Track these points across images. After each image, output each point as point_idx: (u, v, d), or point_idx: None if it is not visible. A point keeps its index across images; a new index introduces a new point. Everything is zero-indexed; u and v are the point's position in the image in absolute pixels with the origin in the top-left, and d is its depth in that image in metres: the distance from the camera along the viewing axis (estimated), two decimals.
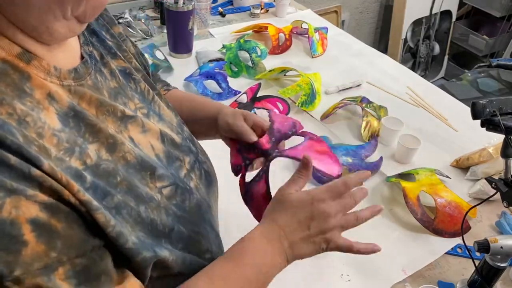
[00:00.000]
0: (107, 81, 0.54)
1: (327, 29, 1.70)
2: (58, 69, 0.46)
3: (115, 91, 0.54)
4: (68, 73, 0.47)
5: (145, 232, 0.48)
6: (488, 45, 2.89)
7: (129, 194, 0.47)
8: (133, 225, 0.46)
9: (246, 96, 1.24)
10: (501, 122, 0.75)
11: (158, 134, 0.57)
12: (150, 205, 0.49)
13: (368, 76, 1.48)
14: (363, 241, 0.93)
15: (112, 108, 0.51)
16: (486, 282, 0.77)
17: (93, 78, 0.51)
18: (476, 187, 1.05)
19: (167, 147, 0.58)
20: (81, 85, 0.48)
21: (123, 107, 0.53)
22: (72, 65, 0.49)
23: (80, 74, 0.49)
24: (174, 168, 0.57)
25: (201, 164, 0.63)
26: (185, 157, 0.60)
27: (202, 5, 1.62)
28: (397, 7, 2.81)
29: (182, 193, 0.55)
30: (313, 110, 1.29)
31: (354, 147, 1.10)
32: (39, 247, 0.37)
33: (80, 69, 0.49)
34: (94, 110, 0.49)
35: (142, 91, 0.60)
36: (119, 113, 0.52)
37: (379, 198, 1.04)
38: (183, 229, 0.53)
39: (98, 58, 0.55)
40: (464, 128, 1.27)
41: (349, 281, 0.85)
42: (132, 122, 0.54)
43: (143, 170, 0.51)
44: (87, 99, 0.48)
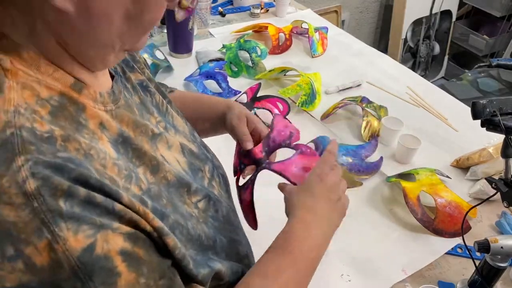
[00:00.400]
0: (133, 97, 0.53)
1: (327, 29, 1.70)
2: (103, 94, 0.46)
3: (140, 107, 0.54)
4: (108, 97, 0.46)
5: (195, 248, 0.49)
6: (488, 45, 2.89)
7: (176, 213, 0.48)
8: (185, 243, 0.47)
9: (246, 96, 1.24)
10: (501, 122, 0.75)
11: (179, 147, 0.57)
12: (192, 221, 0.50)
13: (368, 76, 1.48)
14: (363, 241, 0.93)
15: (144, 128, 0.50)
16: (486, 282, 0.77)
17: (123, 97, 0.50)
18: (476, 187, 1.05)
19: (188, 158, 0.57)
20: (118, 107, 0.48)
21: (150, 124, 0.53)
22: (107, 86, 0.48)
23: (116, 95, 0.48)
24: (199, 179, 0.57)
25: (218, 170, 0.64)
26: (204, 165, 0.60)
27: (202, 5, 1.62)
28: (397, 7, 2.81)
29: (214, 204, 0.56)
30: (313, 110, 1.29)
31: (354, 147, 1.10)
32: (130, 275, 0.39)
33: (115, 90, 0.49)
34: (132, 132, 0.48)
35: (158, 103, 0.60)
36: (150, 132, 0.51)
37: (379, 198, 1.04)
38: (223, 238, 0.54)
39: (122, 74, 0.54)
40: (464, 128, 1.27)
41: (349, 281, 0.85)
42: (160, 140, 0.53)
43: (181, 187, 0.51)
44: (126, 121, 0.48)
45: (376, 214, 0.99)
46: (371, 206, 1.01)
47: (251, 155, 0.70)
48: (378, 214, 1.00)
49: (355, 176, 1.06)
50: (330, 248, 0.89)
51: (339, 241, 0.91)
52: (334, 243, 0.89)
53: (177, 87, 1.38)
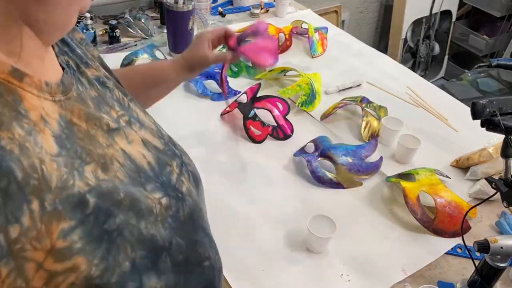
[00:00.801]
0: (87, 91, 0.52)
1: (327, 29, 1.70)
2: (50, 84, 0.44)
3: (97, 100, 0.52)
4: (57, 87, 0.45)
5: (146, 249, 0.46)
6: (488, 45, 2.89)
7: (131, 210, 0.46)
8: (134, 244, 0.45)
9: (246, 96, 1.24)
10: (501, 122, 0.75)
11: (140, 142, 0.55)
12: (149, 220, 0.48)
13: (368, 76, 1.48)
14: (363, 241, 0.94)
15: (98, 121, 0.49)
16: (486, 282, 0.77)
17: (76, 89, 0.48)
18: (476, 187, 1.05)
19: (155, 153, 0.56)
20: (68, 98, 0.46)
21: (107, 117, 0.51)
22: (57, 77, 0.46)
23: (66, 86, 0.47)
24: (166, 174, 0.56)
25: (187, 166, 0.62)
26: (172, 161, 0.59)
27: (202, 5, 1.61)
28: (397, 7, 2.81)
29: (176, 203, 0.54)
30: (313, 110, 1.29)
31: (354, 147, 1.10)
32: None
33: (65, 81, 0.47)
34: (84, 125, 0.47)
35: (118, 99, 0.58)
36: (105, 126, 0.50)
37: (379, 198, 1.04)
38: (180, 240, 0.52)
39: (75, 68, 0.53)
40: (464, 128, 1.27)
41: (349, 281, 0.85)
42: (117, 134, 0.51)
43: (136, 186, 0.49)
44: (76, 113, 0.46)
45: (376, 214, 1.00)
46: (371, 206, 1.01)
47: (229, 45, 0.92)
48: (378, 214, 1.00)
49: (355, 176, 1.06)
50: (330, 248, 0.90)
51: (339, 241, 0.91)
52: (334, 243, 0.90)
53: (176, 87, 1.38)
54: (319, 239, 0.87)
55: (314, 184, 1.05)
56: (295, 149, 1.14)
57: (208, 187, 1.01)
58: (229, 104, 1.25)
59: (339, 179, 1.05)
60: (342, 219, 0.95)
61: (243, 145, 1.15)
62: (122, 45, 1.51)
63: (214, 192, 1.01)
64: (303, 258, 0.89)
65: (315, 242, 0.89)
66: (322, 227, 0.88)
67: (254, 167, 1.08)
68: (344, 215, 0.98)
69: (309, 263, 0.88)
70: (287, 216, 0.97)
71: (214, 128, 1.20)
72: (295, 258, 0.88)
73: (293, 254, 0.89)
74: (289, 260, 0.88)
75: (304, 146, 1.14)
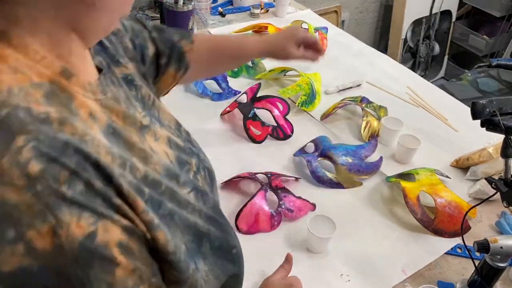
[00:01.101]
0: (119, 91, 0.53)
1: (327, 29, 1.70)
2: (91, 83, 0.45)
3: (126, 100, 0.53)
4: (97, 87, 0.46)
5: (192, 234, 0.49)
6: (488, 45, 2.89)
7: (173, 200, 0.48)
8: (183, 230, 0.47)
9: (246, 96, 1.24)
10: (501, 122, 0.75)
11: (166, 140, 0.57)
12: (188, 209, 0.51)
13: (368, 76, 1.48)
14: (363, 241, 0.94)
15: (133, 120, 0.50)
16: (486, 282, 0.77)
17: (110, 89, 0.50)
18: (476, 187, 1.05)
19: (176, 151, 0.57)
20: (107, 98, 0.47)
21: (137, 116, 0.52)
22: (95, 77, 0.48)
23: (104, 86, 0.48)
24: (185, 172, 0.57)
25: (203, 163, 0.64)
26: (191, 159, 0.60)
27: (202, 5, 1.61)
28: (397, 7, 2.81)
29: (201, 196, 0.56)
30: (313, 110, 1.29)
31: (354, 147, 1.10)
32: (129, 266, 0.39)
33: (103, 81, 0.48)
34: (121, 123, 0.48)
35: (143, 97, 0.59)
36: (138, 123, 0.51)
37: (379, 198, 1.04)
38: (214, 228, 0.55)
39: (107, 67, 0.54)
40: (464, 128, 1.27)
41: (349, 281, 0.85)
42: (148, 132, 0.53)
43: (172, 179, 0.51)
44: (115, 112, 0.47)
45: (376, 214, 1.00)
46: (371, 206, 1.01)
47: None
48: (378, 214, 1.00)
49: (355, 176, 1.06)
50: (330, 248, 0.90)
51: (339, 241, 0.91)
52: (334, 243, 0.90)
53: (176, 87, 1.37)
54: (319, 239, 0.87)
55: (314, 184, 1.05)
56: (295, 149, 1.14)
57: None
58: (229, 104, 1.25)
59: (339, 179, 1.05)
60: (342, 219, 0.95)
61: (243, 145, 1.15)
62: None
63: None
64: (303, 258, 0.89)
65: (315, 242, 0.89)
66: (322, 227, 0.88)
67: (254, 167, 1.08)
68: (344, 215, 0.98)
69: (309, 263, 0.88)
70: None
71: (214, 128, 1.20)
72: (295, 258, 0.88)
73: (293, 254, 0.89)
74: None
75: (304, 146, 1.14)
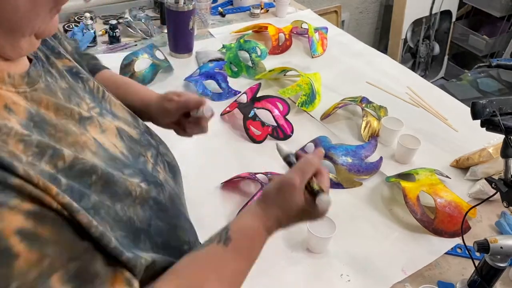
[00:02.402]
0: (58, 82, 0.52)
1: (327, 29, 1.70)
2: (12, 75, 0.44)
3: (67, 91, 0.53)
4: (21, 79, 0.45)
5: (125, 231, 0.47)
6: (488, 45, 2.89)
7: (105, 193, 0.46)
8: (112, 225, 0.45)
9: (246, 96, 1.24)
10: (501, 122, 0.75)
11: (115, 131, 0.56)
12: (126, 202, 0.49)
13: (368, 76, 1.48)
14: (363, 241, 0.94)
15: (69, 112, 0.50)
16: (486, 282, 0.77)
17: (44, 81, 0.49)
18: (476, 187, 1.05)
19: (128, 143, 0.57)
20: (35, 89, 0.47)
21: (78, 108, 0.52)
22: (22, 69, 0.47)
23: (33, 78, 0.47)
24: (141, 163, 0.57)
25: (163, 156, 0.63)
26: (147, 151, 0.60)
27: (202, 5, 1.62)
28: (397, 7, 2.81)
29: (155, 187, 0.55)
30: (313, 110, 1.29)
31: (354, 147, 1.10)
32: (31, 256, 0.36)
33: (31, 72, 0.47)
34: (53, 115, 0.47)
35: (92, 89, 0.59)
36: (77, 115, 0.51)
37: (379, 198, 1.04)
38: (160, 223, 0.53)
39: (44, 59, 0.53)
40: (464, 128, 1.27)
41: (349, 281, 0.85)
42: (90, 123, 0.52)
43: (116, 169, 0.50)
44: (44, 104, 0.47)
45: (375, 214, 1.00)
46: (371, 206, 1.01)
47: None
48: (378, 214, 1.00)
49: (355, 176, 1.06)
50: (330, 248, 0.90)
51: (338, 241, 0.91)
52: (334, 243, 0.90)
53: (177, 87, 1.38)
54: (319, 239, 0.87)
55: None
56: (295, 149, 1.14)
57: (207, 187, 1.02)
58: (229, 104, 1.25)
59: (339, 179, 1.05)
60: (342, 219, 0.95)
61: (243, 145, 1.15)
62: (122, 45, 1.51)
63: (213, 192, 1.01)
64: (303, 258, 0.89)
65: (315, 242, 0.89)
66: (322, 227, 0.88)
67: (254, 167, 1.08)
68: (344, 215, 0.98)
69: (309, 263, 0.88)
70: None
71: (214, 128, 1.20)
72: (295, 258, 0.88)
73: (293, 254, 0.89)
74: (289, 260, 0.88)
75: (304, 146, 1.14)
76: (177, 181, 0.65)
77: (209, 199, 0.99)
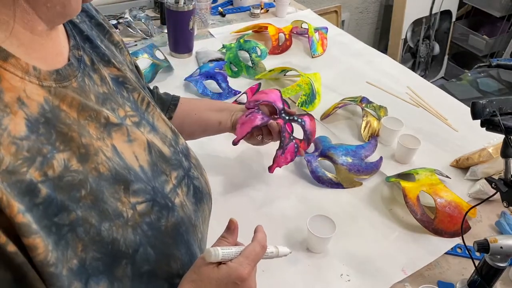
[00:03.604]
0: (96, 86, 0.53)
1: (327, 29, 1.70)
2: (38, 69, 0.45)
3: (104, 96, 0.53)
4: (48, 74, 0.46)
5: (102, 252, 0.45)
6: (488, 45, 2.89)
7: (93, 209, 0.45)
8: (88, 244, 0.44)
9: (246, 96, 1.24)
10: (501, 122, 0.75)
11: (145, 144, 0.55)
12: (116, 222, 0.47)
13: (368, 76, 1.48)
14: (363, 241, 0.94)
15: (95, 114, 0.50)
16: (486, 282, 0.77)
17: (79, 81, 0.50)
18: (476, 187, 1.05)
19: (154, 159, 0.56)
20: (64, 87, 0.47)
21: (110, 113, 0.52)
22: (55, 67, 0.48)
23: (63, 76, 0.48)
24: (159, 182, 0.55)
25: (191, 180, 0.61)
26: (173, 171, 0.58)
27: (202, 5, 1.62)
28: (397, 7, 2.81)
29: (160, 211, 0.52)
30: (313, 110, 1.29)
31: (354, 147, 1.10)
32: None
33: (63, 71, 0.48)
34: (75, 114, 0.48)
35: (135, 100, 0.59)
36: (103, 119, 0.51)
37: (379, 198, 1.04)
38: (150, 250, 0.50)
39: (89, 63, 0.54)
40: (464, 128, 1.27)
41: (349, 281, 0.85)
42: (117, 130, 0.52)
43: (116, 184, 0.49)
44: (68, 101, 0.47)
45: (375, 214, 1.00)
46: (371, 206, 1.01)
47: None
48: (378, 214, 1.00)
49: (355, 176, 1.06)
50: (329, 248, 0.90)
51: (338, 241, 0.91)
52: (334, 243, 0.90)
53: (177, 87, 1.38)
54: (319, 239, 0.87)
55: (314, 184, 1.05)
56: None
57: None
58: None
59: (339, 179, 1.05)
60: (342, 219, 0.95)
61: (243, 145, 1.15)
62: None
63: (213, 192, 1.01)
64: (303, 258, 0.89)
65: (315, 242, 0.89)
66: (322, 227, 0.88)
67: (254, 167, 1.08)
68: (344, 215, 0.98)
69: (309, 263, 0.88)
70: (287, 216, 0.97)
71: None
72: (295, 258, 0.88)
73: (293, 254, 0.89)
74: (289, 260, 0.88)
75: None
76: (200, 208, 0.61)
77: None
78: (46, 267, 0.40)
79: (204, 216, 0.64)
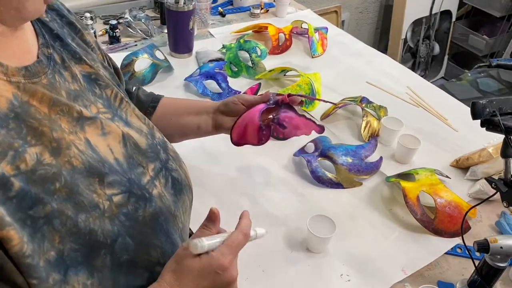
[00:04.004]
0: (66, 83, 0.53)
1: (327, 29, 1.70)
2: (5, 65, 0.46)
3: (76, 93, 0.54)
4: (17, 71, 0.47)
5: (80, 243, 0.46)
6: (488, 45, 2.89)
7: (68, 201, 0.46)
8: (65, 236, 0.44)
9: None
10: (501, 122, 0.75)
11: (120, 137, 0.56)
12: (92, 214, 0.48)
13: (368, 76, 1.48)
14: (363, 241, 0.93)
15: (67, 108, 0.50)
16: (486, 282, 0.77)
17: (49, 78, 0.50)
18: (476, 187, 1.05)
19: (130, 151, 0.56)
20: (33, 83, 0.48)
21: (82, 108, 0.52)
22: (24, 63, 0.48)
23: (33, 72, 0.49)
24: (136, 174, 0.55)
25: (169, 172, 0.61)
26: (149, 163, 0.58)
27: (202, 5, 1.62)
28: (397, 7, 2.81)
29: (136, 202, 0.53)
30: (313, 110, 1.29)
31: (354, 147, 1.10)
32: None
33: (32, 68, 0.49)
34: (46, 109, 0.48)
35: (109, 97, 0.60)
36: (75, 114, 0.51)
37: (379, 198, 1.04)
38: (129, 240, 0.51)
39: (59, 61, 0.54)
40: (464, 128, 1.27)
41: (349, 281, 0.85)
42: (90, 124, 0.53)
43: (90, 176, 0.49)
44: (38, 97, 0.48)
45: (375, 214, 1.00)
46: (371, 206, 1.01)
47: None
48: (378, 214, 1.00)
49: (355, 176, 1.06)
50: (329, 248, 0.90)
51: (338, 241, 0.91)
52: (334, 243, 0.90)
53: (177, 87, 1.38)
54: (319, 239, 0.87)
55: (314, 184, 1.05)
56: (295, 149, 1.14)
57: (207, 187, 1.02)
58: None
59: (339, 179, 1.05)
60: (342, 219, 0.95)
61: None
62: (122, 45, 1.51)
63: (213, 192, 1.01)
64: (303, 258, 0.89)
65: (315, 242, 0.89)
66: (322, 227, 0.88)
67: (254, 167, 1.08)
68: (344, 215, 0.98)
69: (309, 263, 0.88)
70: (287, 216, 0.97)
71: None
72: (295, 258, 0.88)
73: (293, 254, 0.89)
74: (289, 260, 0.88)
75: (304, 146, 1.14)
76: (180, 199, 0.62)
77: (208, 199, 0.99)
78: (22, 258, 0.41)
79: (185, 207, 0.64)
